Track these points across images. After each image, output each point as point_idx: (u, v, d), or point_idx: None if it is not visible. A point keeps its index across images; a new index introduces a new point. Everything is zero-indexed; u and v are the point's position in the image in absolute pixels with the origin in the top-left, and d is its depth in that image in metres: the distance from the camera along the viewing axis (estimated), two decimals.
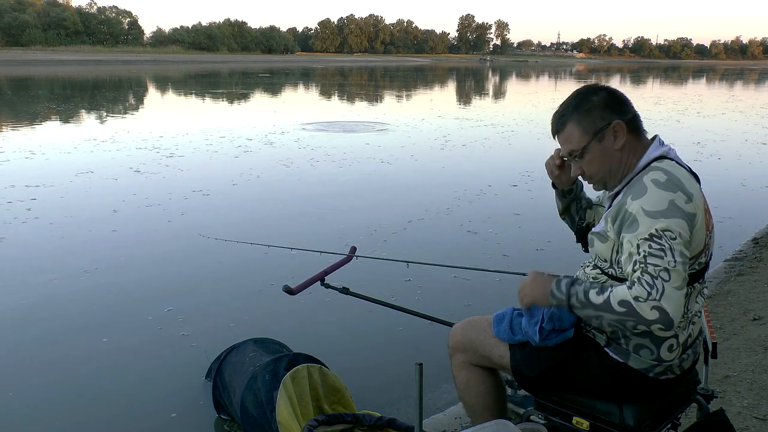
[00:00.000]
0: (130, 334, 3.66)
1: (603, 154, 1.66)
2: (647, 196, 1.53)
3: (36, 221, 5.92)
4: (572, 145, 1.69)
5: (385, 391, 3.06)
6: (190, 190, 7.28)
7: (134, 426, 2.78)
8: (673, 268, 1.46)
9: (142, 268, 4.76)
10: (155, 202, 6.72)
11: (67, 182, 7.59)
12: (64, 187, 7.33)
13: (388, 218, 6.17)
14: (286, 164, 9.06)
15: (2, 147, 10.01)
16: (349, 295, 2.58)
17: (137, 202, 6.70)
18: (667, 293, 1.44)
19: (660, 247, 1.47)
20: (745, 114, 18.87)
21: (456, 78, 49.00)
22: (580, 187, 1.96)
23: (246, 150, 10.26)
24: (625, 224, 1.56)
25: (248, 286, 4.40)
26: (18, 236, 5.48)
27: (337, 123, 14.51)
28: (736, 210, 6.70)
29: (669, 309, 1.44)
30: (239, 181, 7.89)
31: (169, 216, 6.19)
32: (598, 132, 1.65)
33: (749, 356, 3.11)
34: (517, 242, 5.49)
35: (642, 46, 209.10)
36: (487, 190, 7.54)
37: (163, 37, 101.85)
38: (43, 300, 4.11)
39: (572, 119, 1.68)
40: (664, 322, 1.44)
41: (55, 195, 6.98)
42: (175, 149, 10.19)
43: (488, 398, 1.94)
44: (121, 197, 6.87)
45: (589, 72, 70.03)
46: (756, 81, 49.15)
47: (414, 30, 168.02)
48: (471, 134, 12.90)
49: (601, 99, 1.66)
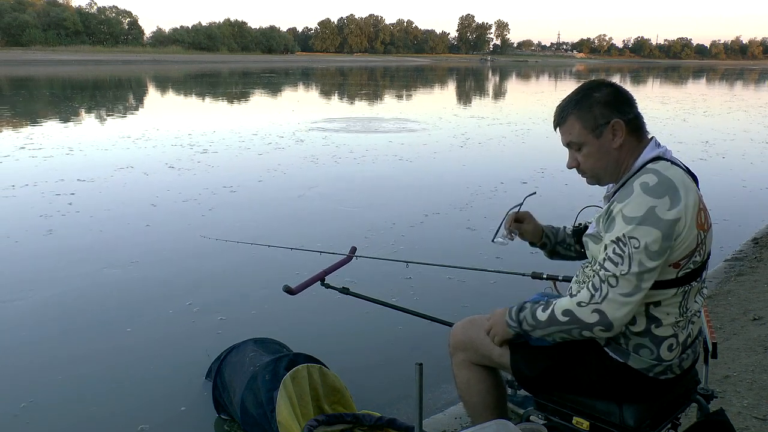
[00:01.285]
0: (130, 333, 3.66)
1: (600, 150, 1.67)
2: (630, 200, 1.55)
3: (77, 215, 6.17)
4: (571, 137, 1.70)
5: (385, 391, 3.06)
6: (220, 185, 7.53)
7: (134, 426, 2.78)
8: (623, 276, 1.52)
9: (144, 267, 4.76)
10: (181, 198, 6.90)
11: (108, 177, 7.95)
12: (105, 182, 7.66)
13: (406, 215, 6.30)
14: (312, 161, 9.37)
15: (42, 144, 10.40)
16: (349, 295, 2.58)
17: (169, 197, 6.93)
18: (610, 297, 1.53)
19: (620, 253, 1.53)
20: (749, 113, 18.98)
21: (460, 78, 48.95)
22: (555, 233, 2.03)
23: (278, 146, 10.70)
24: (608, 224, 1.61)
25: (248, 286, 4.40)
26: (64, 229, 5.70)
27: (357, 120, 14.99)
28: (736, 210, 6.71)
29: (609, 312, 1.53)
30: (265, 177, 8.14)
31: (178, 215, 6.22)
32: (596, 128, 1.66)
33: (749, 356, 3.11)
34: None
35: (642, 46, 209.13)
36: (500, 187, 7.66)
37: (163, 37, 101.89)
38: (46, 299, 4.12)
39: (573, 114, 1.68)
40: (604, 325, 1.55)
41: (97, 190, 7.28)
42: (208, 146, 10.58)
43: (488, 397, 1.94)
44: (155, 192, 7.14)
45: (589, 72, 70.01)
46: (756, 81, 49.16)
47: (414, 30, 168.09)
48: (488, 132, 13.18)
49: (604, 96, 1.66)
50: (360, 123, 14.49)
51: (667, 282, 1.58)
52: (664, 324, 1.63)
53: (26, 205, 6.55)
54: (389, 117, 16.18)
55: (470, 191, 7.42)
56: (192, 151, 10.01)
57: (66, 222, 5.93)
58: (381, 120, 15.35)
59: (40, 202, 6.60)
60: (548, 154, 9.77)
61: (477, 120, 15.95)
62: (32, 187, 7.25)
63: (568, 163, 1.76)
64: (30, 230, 5.63)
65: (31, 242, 5.33)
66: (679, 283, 1.60)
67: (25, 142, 10.57)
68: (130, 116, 16.47)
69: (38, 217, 6.02)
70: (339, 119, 15.26)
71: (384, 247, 5.22)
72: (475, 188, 7.57)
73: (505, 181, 7.92)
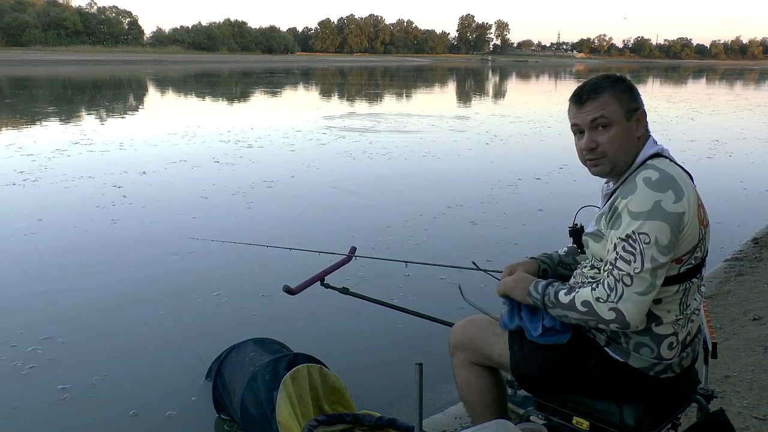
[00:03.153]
0: (130, 333, 3.66)
1: (628, 134, 1.65)
2: (635, 195, 1.55)
3: (130, 206, 6.53)
4: (604, 113, 1.63)
5: (385, 391, 3.06)
6: (261, 180, 7.83)
7: (134, 426, 2.78)
8: (637, 274, 1.52)
9: (146, 266, 4.76)
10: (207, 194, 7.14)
11: (162, 169, 8.42)
12: (160, 176, 8.08)
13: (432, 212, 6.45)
14: (351, 156, 9.81)
15: (93, 139, 11.06)
16: (349, 295, 2.58)
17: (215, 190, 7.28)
18: (626, 296, 1.53)
19: (631, 250, 1.53)
20: (755, 112, 19.09)
21: (467, 78, 49.10)
22: (550, 258, 1.97)
23: (320, 143, 11.20)
24: (613, 221, 1.60)
25: (249, 286, 4.40)
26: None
27: (387, 117, 15.91)
28: (736, 210, 6.71)
29: (625, 311, 1.54)
30: (298, 172, 8.45)
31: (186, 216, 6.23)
32: (629, 111, 1.65)
33: (749, 356, 3.11)
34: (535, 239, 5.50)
35: (642, 46, 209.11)
36: (518, 183, 7.88)
37: (163, 37, 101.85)
38: (45, 295, 4.12)
39: (609, 90, 1.65)
40: (620, 323, 1.56)
41: (159, 181, 7.77)
42: (254, 141, 11.14)
43: (488, 397, 1.94)
44: (203, 185, 7.49)
45: (589, 72, 69.97)
46: (756, 81, 49.18)
47: (414, 30, 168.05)
48: (511, 130, 13.52)
49: (630, 85, 1.68)
50: (388, 120, 15.14)
51: (670, 278, 1.58)
52: (664, 322, 1.63)
53: (93, 196, 6.92)
54: (415, 113, 17.05)
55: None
56: (237, 146, 10.55)
57: (124, 213, 6.24)
58: (409, 116, 16.28)
59: (110, 193, 7.03)
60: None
61: (499, 118, 16.48)
62: (90, 180, 7.69)
63: (585, 143, 1.66)
64: (96, 220, 5.97)
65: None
66: (680, 279, 1.60)
67: (80, 137, 11.22)
68: (165, 114, 17.15)
69: (110, 206, 6.46)
70: (364, 115, 16.28)
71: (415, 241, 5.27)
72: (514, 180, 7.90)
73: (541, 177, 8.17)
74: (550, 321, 1.72)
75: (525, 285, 1.75)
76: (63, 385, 3.09)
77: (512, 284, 1.79)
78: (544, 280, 1.74)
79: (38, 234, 5.50)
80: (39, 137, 11.14)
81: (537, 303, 1.72)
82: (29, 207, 6.40)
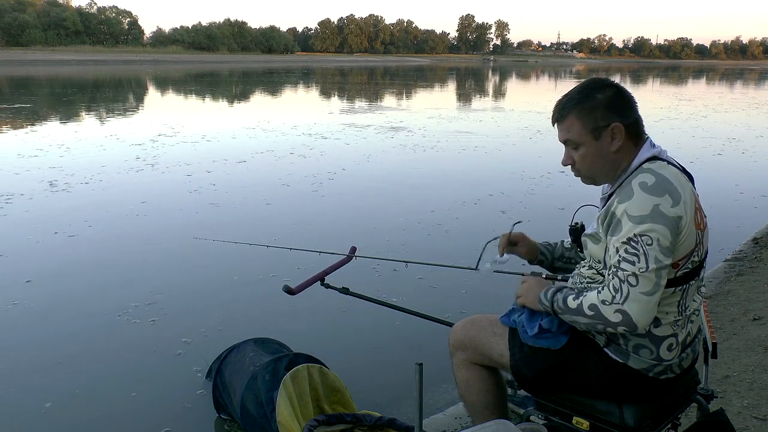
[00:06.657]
0: (130, 333, 3.66)
1: (597, 153, 1.67)
2: (632, 200, 1.55)
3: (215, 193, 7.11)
4: (570, 135, 1.69)
5: (385, 391, 3.06)
6: (325, 171, 8.40)
7: (134, 426, 2.78)
8: (642, 273, 1.51)
9: (147, 267, 4.76)
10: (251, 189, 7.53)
11: (249, 158, 9.28)
12: (245, 165, 8.83)
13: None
14: (409, 148, 10.60)
15: (180, 131, 12.18)
16: (349, 295, 2.57)
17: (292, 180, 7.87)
18: (632, 297, 1.52)
19: (634, 252, 1.52)
20: (760, 110, 19.25)
21: (470, 78, 49.19)
22: (551, 249, 2.04)
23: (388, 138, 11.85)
24: (611, 227, 1.59)
25: (249, 286, 4.40)
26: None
27: (429, 114, 16.85)
28: (736, 210, 6.71)
29: (631, 312, 1.52)
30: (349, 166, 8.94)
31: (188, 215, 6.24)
32: (595, 130, 1.65)
33: (749, 356, 3.11)
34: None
35: (642, 46, 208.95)
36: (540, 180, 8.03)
37: (163, 37, 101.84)
38: (44, 291, 4.12)
39: (573, 112, 1.67)
40: (627, 325, 1.54)
41: (239, 170, 8.45)
42: (330, 134, 12.09)
43: (488, 397, 1.94)
44: (280, 175, 8.12)
45: (589, 72, 69.93)
46: (757, 80, 49.22)
47: (414, 30, 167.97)
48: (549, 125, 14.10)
49: (606, 98, 1.65)
50: (424, 116, 15.96)
51: (667, 281, 1.58)
52: (663, 324, 1.63)
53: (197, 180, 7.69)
54: (451, 108, 18.38)
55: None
56: (311, 139, 11.41)
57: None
58: (442, 112, 17.41)
59: (218, 179, 7.81)
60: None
61: (525, 113, 17.30)
62: (189, 167, 8.54)
63: (563, 160, 1.74)
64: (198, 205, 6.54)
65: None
66: (677, 282, 1.60)
67: (165, 130, 12.34)
68: (227, 110, 18.50)
69: (210, 189, 7.15)
70: (363, 113, 16.95)
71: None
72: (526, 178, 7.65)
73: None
74: (548, 322, 1.72)
75: (536, 292, 1.75)
76: (62, 383, 3.09)
77: (526, 290, 1.79)
78: (554, 286, 1.74)
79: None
80: (131, 130, 12.27)
81: (547, 309, 1.72)
82: (144, 190, 7.22)
